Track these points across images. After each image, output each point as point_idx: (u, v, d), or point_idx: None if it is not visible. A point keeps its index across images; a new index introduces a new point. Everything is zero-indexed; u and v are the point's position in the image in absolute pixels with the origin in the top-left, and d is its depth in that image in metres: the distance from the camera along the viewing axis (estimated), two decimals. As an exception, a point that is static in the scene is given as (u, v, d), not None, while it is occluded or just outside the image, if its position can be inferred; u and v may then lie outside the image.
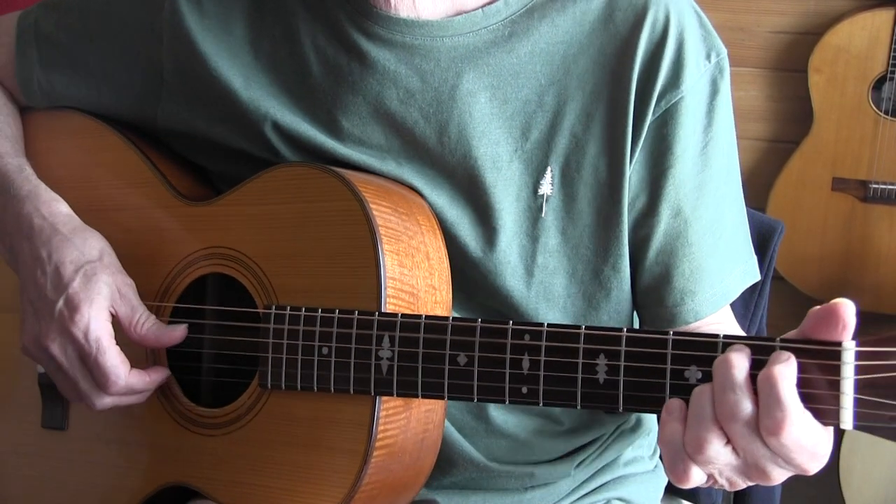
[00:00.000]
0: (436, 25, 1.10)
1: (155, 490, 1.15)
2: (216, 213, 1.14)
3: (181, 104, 1.19)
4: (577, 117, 1.10)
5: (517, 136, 1.10)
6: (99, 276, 1.09)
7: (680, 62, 1.08)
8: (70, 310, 1.07)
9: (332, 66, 1.13)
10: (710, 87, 1.11)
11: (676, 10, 1.09)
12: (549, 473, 1.22)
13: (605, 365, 0.91)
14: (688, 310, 1.12)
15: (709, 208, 1.12)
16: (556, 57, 1.10)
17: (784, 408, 0.80)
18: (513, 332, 0.95)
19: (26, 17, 1.27)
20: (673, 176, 1.10)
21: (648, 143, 1.10)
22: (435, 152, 1.12)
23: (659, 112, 1.09)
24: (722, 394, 0.82)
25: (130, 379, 1.08)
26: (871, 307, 2.62)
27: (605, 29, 1.09)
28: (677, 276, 1.12)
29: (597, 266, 1.13)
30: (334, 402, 1.04)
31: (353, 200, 1.04)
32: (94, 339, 1.06)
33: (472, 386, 0.97)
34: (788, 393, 0.80)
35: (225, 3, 1.17)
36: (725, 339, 0.85)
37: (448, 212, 1.12)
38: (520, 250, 1.12)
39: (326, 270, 1.06)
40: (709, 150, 1.11)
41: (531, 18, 1.10)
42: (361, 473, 1.01)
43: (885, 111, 2.49)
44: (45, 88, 1.26)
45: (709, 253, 1.12)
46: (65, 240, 1.11)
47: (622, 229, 1.11)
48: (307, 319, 1.04)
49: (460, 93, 1.10)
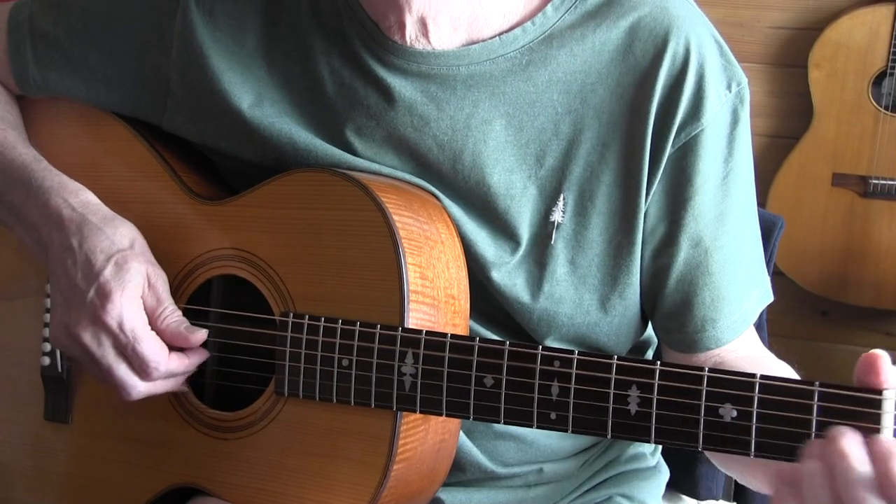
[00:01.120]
0: (452, 55, 1.09)
1: (164, 489, 1.15)
2: (231, 214, 1.13)
3: (187, 116, 1.17)
4: (593, 146, 1.09)
5: (531, 164, 1.10)
6: (130, 263, 1.08)
7: (700, 94, 1.07)
8: (102, 298, 1.06)
9: (346, 89, 1.12)
10: (731, 116, 1.10)
11: (697, 42, 1.08)
12: (554, 472, 1.23)
13: (637, 397, 0.91)
14: (709, 336, 1.13)
15: (729, 236, 1.12)
16: (574, 86, 1.09)
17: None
18: (542, 357, 0.95)
19: (19, 11, 1.24)
20: (693, 207, 1.10)
21: (668, 174, 1.09)
22: (448, 177, 1.11)
23: (679, 144, 1.08)
24: (846, 490, 0.78)
25: (171, 364, 1.08)
26: (871, 302, 2.64)
27: (625, 60, 1.08)
28: (698, 304, 1.12)
29: (603, 294, 1.12)
30: (353, 414, 1.04)
31: (375, 211, 1.03)
32: (130, 328, 1.06)
33: (499, 409, 0.97)
34: None
35: (238, 16, 1.15)
36: (762, 380, 0.85)
37: (462, 227, 1.11)
38: (527, 276, 1.11)
39: (346, 280, 1.05)
40: (729, 179, 1.11)
41: (549, 47, 1.09)
42: (381, 487, 1.02)
43: (885, 106, 2.50)
44: (42, 85, 1.23)
45: (729, 281, 1.12)
46: (95, 228, 1.10)
47: (633, 259, 1.11)
48: (327, 330, 1.03)
49: (475, 121, 1.09)
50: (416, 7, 1.06)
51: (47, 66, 1.22)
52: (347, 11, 1.12)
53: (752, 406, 0.86)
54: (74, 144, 1.23)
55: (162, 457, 1.14)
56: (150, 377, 1.07)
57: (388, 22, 1.09)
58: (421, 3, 1.06)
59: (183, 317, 1.10)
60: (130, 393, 1.08)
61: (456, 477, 1.19)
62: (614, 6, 1.09)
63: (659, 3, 1.09)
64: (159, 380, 1.08)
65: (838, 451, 0.80)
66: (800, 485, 0.81)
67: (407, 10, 1.07)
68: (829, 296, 2.66)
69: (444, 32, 1.09)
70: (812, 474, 0.81)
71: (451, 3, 1.07)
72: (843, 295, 2.65)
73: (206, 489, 1.12)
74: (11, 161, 1.17)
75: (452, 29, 1.09)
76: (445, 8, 1.07)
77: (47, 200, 1.13)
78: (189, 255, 1.14)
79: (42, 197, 1.13)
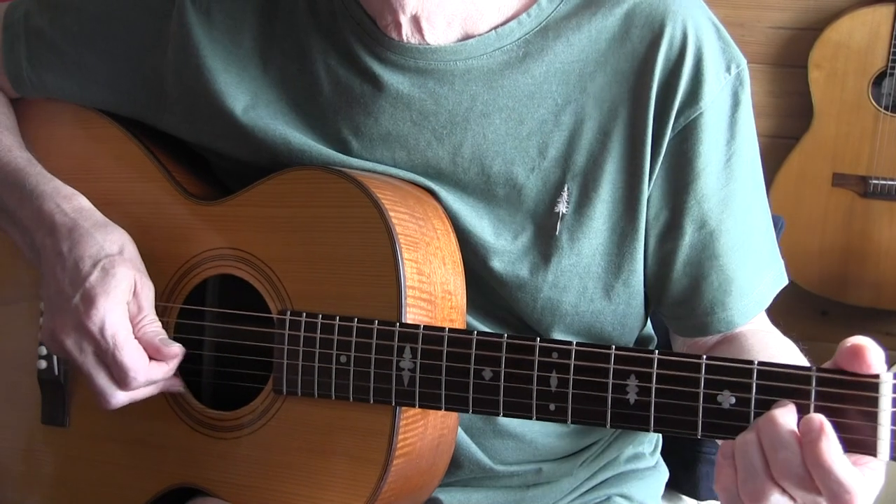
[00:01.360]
0: (448, 50, 1.09)
1: (163, 490, 1.14)
2: (226, 214, 1.13)
3: (183, 116, 1.17)
4: (595, 135, 1.09)
5: (534, 155, 1.10)
6: (117, 269, 1.07)
7: (699, 77, 1.07)
8: (86, 304, 1.05)
9: (343, 88, 1.12)
10: (732, 99, 1.10)
11: (694, 25, 1.08)
12: (553, 472, 1.23)
13: (635, 386, 0.91)
14: (719, 319, 1.12)
15: (737, 220, 1.11)
16: (572, 76, 1.09)
17: (849, 489, 0.79)
18: (540, 349, 0.95)
19: (15, 9, 1.24)
20: (695, 190, 1.09)
21: (669, 159, 1.09)
22: (447, 171, 1.11)
23: (678, 128, 1.08)
24: (773, 452, 0.82)
25: (150, 373, 1.07)
26: (871, 303, 2.63)
27: (622, 46, 1.08)
28: (706, 287, 1.12)
29: (607, 282, 1.12)
30: (352, 410, 1.03)
31: (371, 207, 1.03)
32: (111, 335, 1.05)
33: (498, 401, 0.97)
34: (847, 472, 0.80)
35: (235, 16, 1.15)
36: (760, 367, 0.85)
37: (463, 218, 1.11)
38: (531, 266, 1.11)
39: (343, 278, 1.04)
40: (733, 162, 1.10)
41: (546, 38, 1.09)
42: (381, 482, 1.01)
43: (885, 107, 2.49)
44: (37, 85, 1.23)
45: (738, 264, 1.12)
46: (86, 233, 1.10)
47: (637, 246, 1.11)
48: (324, 327, 1.03)
49: (474, 114, 1.09)
50: (410, 8, 1.06)
51: (42, 65, 1.22)
52: (343, 10, 1.12)
53: (751, 392, 0.86)
54: (69, 146, 1.23)
55: (160, 457, 1.14)
56: (128, 386, 1.06)
57: (385, 21, 1.09)
58: (414, 3, 1.06)
59: (161, 328, 1.09)
60: (109, 401, 1.07)
61: (454, 475, 1.18)
62: None
63: None
64: (139, 388, 1.08)
65: (769, 417, 0.84)
66: (736, 455, 0.85)
67: (401, 11, 1.07)
68: (828, 296, 2.66)
69: (438, 29, 1.09)
70: (745, 443, 0.85)
71: (444, 2, 1.07)
72: (843, 295, 2.64)
73: (205, 489, 1.12)
74: (6, 165, 1.17)
75: (447, 25, 1.09)
76: (439, 8, 1.07)
77: (41, 205, 1.13)
78: (185, 256, 1.14)
79: (36, 201, 1.13)
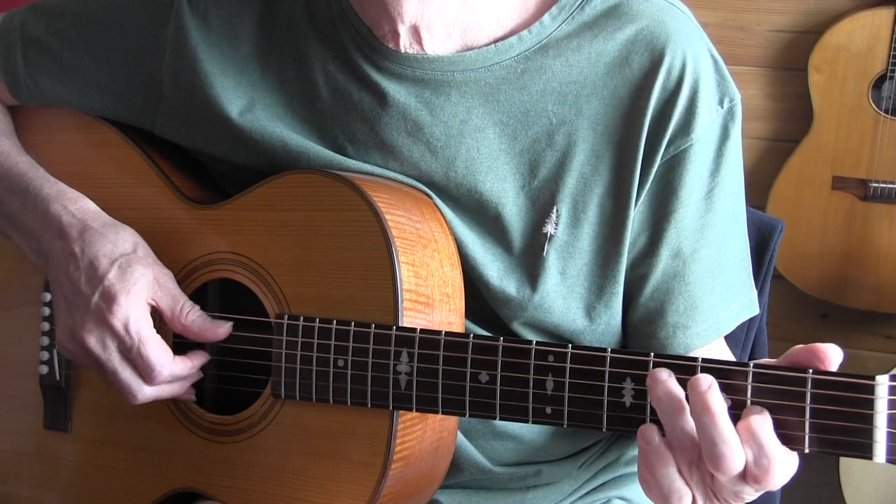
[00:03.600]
0: (447, 61, 1.09)
1: (165, 494, 1.15)
2: (223, 217, 1.13)
3: (180, 121, 1.18)
4: (587, 158, 1.09)
5: (524, 173, 1.10)
6: (134, 267, 1.08)
7: (692, 110, 1.07)
8: (107, 301, 1.06)
9: (341, 94, 1.12)
10: (721, 132, 1.10)
11: (693, 57, 1.08)
12: (552, 473, 1.23)
13: (631, 389, 0.91)
14: (678, 342, 1.13)
15: (710, 248, 1.12)
16: (569, 97, 1.09)
17: (770, 455, 0.83)
18: (536, 352, 0.95)
19: (11, 18, 1.25)
20: (676, 220, 1.10)
21: (654, 186, 1.09)
22: (440, 184, 1.11)
23: (668, 157, 1.08)
24: (668, 417, 0.87)
25: (174, 367, 1.07)
26: (871, 306, 2.63)
27: (620, 72, 1.08)
28: (671, 311, 1.13)
29: (589, 303, 1.13)
30: (350, 414, 1.04)
31: (367, 210, 1.03)
32: (136, 330, 1.05)
33: (495, 405, 0.97)
34: (772, 442, 0.84)
35: (233, 21, 1.15)
36: (756, 369, 0.85)
37: (454, 228, 1.12)
38: (517, 284, 1.11)
39: (340, 281, 1.05)
40: (714, 194, 1.11)
41: (545, 56, 1.09)
42: (380, 486, 1.02)
43: (885, 110, 2.49)
44: (34, 91, 1.24)
45: (705, 291, 1.13)
46: (97, 234, 1.10)
47: (619, 269, 1.11)
48: (321, 331, 1.04)
49: (469, 128, 1.10)
50: (409, 17, 1.07)
51: (39, 72, 1.22)
52: (342, 17, 1.12)
53: (746, 395, 0.86)
54: (67, 152, 1.23)
55: (162, 462, 1.14)
56: (154, 381, 1.07)
57: (382, 30, 1.09)
58: (413, 12, 1.06)
59: (203, 311, 1.10)
60: (136, 396, 1.08)
61: (454, 477, 1.18)
62: (612, 18, 1.09)
63: (657, 17, 1.09)
64: (164, 384, 1.08)
65: (652, 375, 0.88)
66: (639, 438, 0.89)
67: (399, 21, 1.07)
68: (828, 299, 2.65)
69: (437, 39, 1.09)
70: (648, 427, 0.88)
71: (443, 12, 1.07)
72: (843, 298, 2.64)
73: (206, 493, 1.12)
74: (8, 170, 1.18)
75: (446, 35, 1.09)
76: (438, 17, 1.08)
77: (47, 208, 1.13)
78: (183, 260, 1.14)
79: (41, 205, 1.13)
